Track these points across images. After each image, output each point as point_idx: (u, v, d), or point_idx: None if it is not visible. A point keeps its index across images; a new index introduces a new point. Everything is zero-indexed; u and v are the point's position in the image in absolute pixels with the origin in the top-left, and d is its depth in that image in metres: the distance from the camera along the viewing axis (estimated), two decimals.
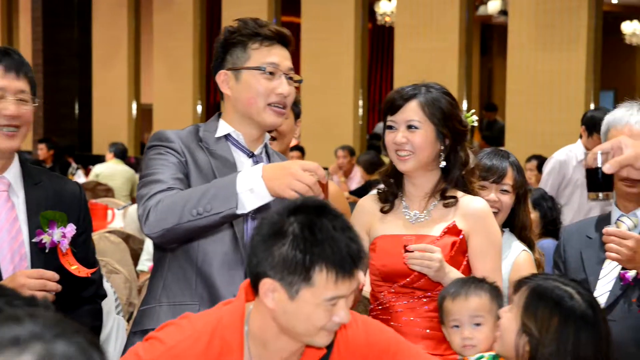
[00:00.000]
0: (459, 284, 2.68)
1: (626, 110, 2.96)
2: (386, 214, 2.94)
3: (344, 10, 12.00)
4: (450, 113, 2.86)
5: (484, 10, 14.25)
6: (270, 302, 2.01)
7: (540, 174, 8.71)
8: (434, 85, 2.89)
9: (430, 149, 2.84)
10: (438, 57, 10.98)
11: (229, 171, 2.67)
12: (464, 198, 2.87)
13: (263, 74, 2.72)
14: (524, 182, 3.35)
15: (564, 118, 10.05)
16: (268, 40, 2.75)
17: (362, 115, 12.17)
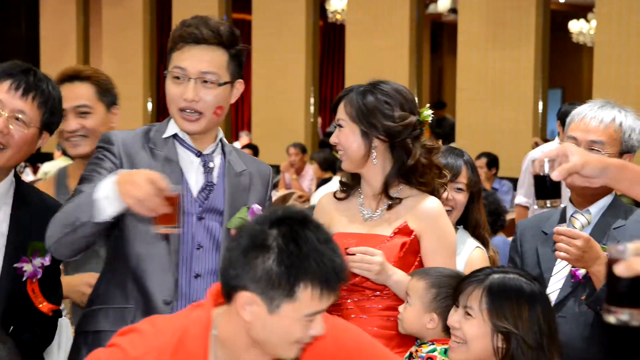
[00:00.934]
0: (426, 269, 2.75)
1: (588, 106, 3.02)
2: (345, 211, 2.95)
3: (295, 7, 12.00)
4: (376, 110, 2.82)
5: (434, 8, 14.34)
6: (247, 315, 1.96)
7: (490, 171, 8.81)
8: (378, 82, 2.88)
9: (356, 147, 2.84)
10: (389, 55, 11.03)
11: (171, 172, 2.63)
12: (416, 197, 2.86)
13: (172, 79, 2.68)
14: (477, 181, 3.35)
15: (513, 116, 10.17)
16: (182, 42, 2.68)
17: (313, 113, 12.18)
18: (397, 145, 2.86)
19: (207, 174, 2.74)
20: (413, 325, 2.67)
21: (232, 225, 2.71)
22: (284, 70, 12.11)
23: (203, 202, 2.71)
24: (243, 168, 2.80)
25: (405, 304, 2.70)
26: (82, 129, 3.16)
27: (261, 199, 2.83)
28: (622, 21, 9.28)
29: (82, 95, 3.18)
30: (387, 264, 2.74)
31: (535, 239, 3.09)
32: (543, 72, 10.14)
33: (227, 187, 2.74)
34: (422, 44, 11.49)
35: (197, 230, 2.69)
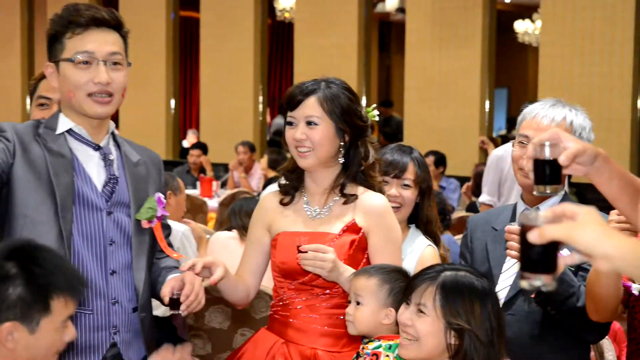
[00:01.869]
0: (372, 266, 2.75)
1: (540, 105, 3.05)
2: (288, 210, 2.93)
3: (243, 6, 11.95)
4: (350, 108, 2.85)
5: (382, 7, 14.40)
6: (10, 344, 2.05)
7: (437, 169, 8.87)
8: (335, 80, 2.88)
9: (329, 145, 2.84)
10: (337, 53, 11.04)
11: (65, 166, 2.59)
12: (364, 195, 2.87)
13: (77, 65, 2.61)
14: (426, 177, 3.37)
15: (460, 114, 10.25)
16: (81, 27, 2.62)
17: (262, 111, 12.15)
18: (357, 144, 2.88)
19: (108, 167, 2.68)
20: (367, 324, 2.66)
21: (143, 217, 2.69)
22: (233, 69, 12.05)
23: (110, 196, 2.66)
24: (138, 157, 2.77)
25: (354, 305, 2.69)
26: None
27: (158, 186, 2.81)
28: (567, 21, 9.42)
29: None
30: (338, 262, 2.74)
31: (485, 235, 3.11)
32: (489, 71, 10.24)
33: (128, 178, 2.71)
34: (370, 42, 11.52)
35: (107, 226, 2.64)
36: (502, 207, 3.28)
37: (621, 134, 9.13)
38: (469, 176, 8.58)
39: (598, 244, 1.67)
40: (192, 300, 2.61)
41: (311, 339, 2.82)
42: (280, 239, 2.89)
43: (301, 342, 2.82)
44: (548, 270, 1.75)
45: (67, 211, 2.56)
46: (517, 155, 3.03)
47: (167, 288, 2.62)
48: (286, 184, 2.97)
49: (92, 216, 2.61)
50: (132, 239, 2.68)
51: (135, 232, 2.68)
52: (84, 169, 2.64)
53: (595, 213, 1.73)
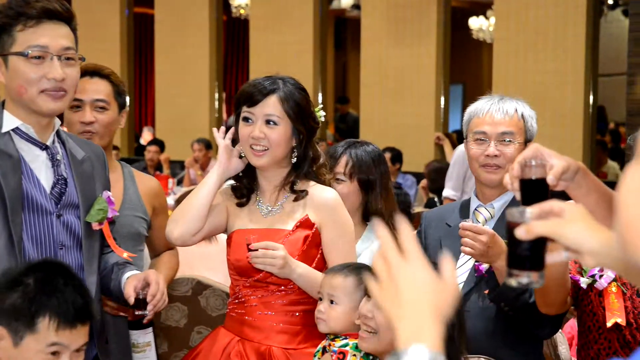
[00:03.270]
0: (346, 265, 2.73)
1: (487, 101, 3.07)
2: (242, 207, 2.93)
3: (198, 2, 11.90)
4: (305, 109, 2.84)
5: (338, 4, 14.42)
6: None
7: (394, 165, 8.91)
8: (289, 79, 2.86)
9: (285, 146, 2.83)
10: (293, 50, 11.04)
11: (12, 166, 2.45)
12: (314, 188, 2.87)
13: (30, 60, 2.47)
14: (366, 171, 3.35)
15: (415, 111, 10.31)
16: (33, 19, 2.48)
17: (217, 108, 12.10)
18: (308, 144, 2.87)
19: (56, 167, 2.56)
20: (341, 323, 2.65)
21: (94, 219, 2.58)
22: (188, 66, 12.00)
23: (59, 198, 2.54)
24: (82, 154, 2.65)
25: (326, 303, 2.67)
26: (97, 123, 3.15)
27: (105, 182, 2.70)
28: (520, 18, 9.51)
29: (102, 91, 3.19)
30: (289, 258, 2.73)
31: (438, 231, 3.12)
32: (444, 68, 10.31)
33: (75, 178, 2.59)
34: (326, 39, 11.53)
35: (57, 230, 2.52)
36: (455, 203, 3.30)
37: (574, 129, 9.25)
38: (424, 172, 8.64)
39: (585, 240, 1.66)
40: (159, 300, 2.58)
41: (267, 336, 2.81)
42: (234, 237, 2.88)
43: (257, 340, 2.82)
44: (536, 267, 1.74)
45: (17, 215, 2.44)
46: (476, 152, 3.04)
47: (130, 288, 2.56)
48: (239, 185, 2.94)
49: (42, 220, 2.49)
50: (82, 241, 2.57)
51: (86, 235, 2.57)
52: (31, 170, 2.51)
53: (583, 209, 1.73)
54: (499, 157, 2.99)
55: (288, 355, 2.79)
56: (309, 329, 2.79)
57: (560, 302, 2.76)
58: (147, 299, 2.58)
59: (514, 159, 3.00)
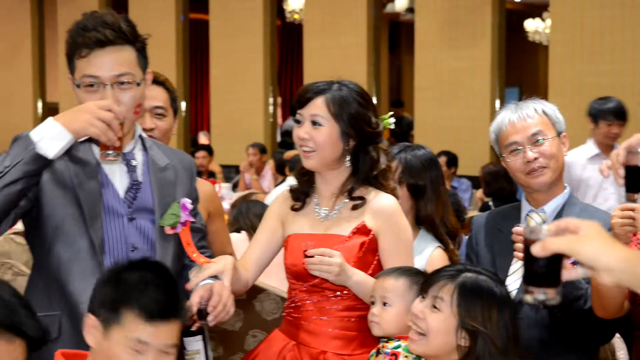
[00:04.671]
0: (397, 267, 2.72)
1: (504, 113, 3.07)
2: (299, 212, 2.92)
3: (252, 7, 11.96)
4: (358, 114, 2.80)
5: (392, 7, 14.38)
6: (90, 338, 2.15)
7: (450, 169, 8.86)
8: (348, 83, 2.84)
9: (331, 148, 2.80)
10: (347, 54, 11.04)
11: (89, 174, 2.57)
12: (372, 195, 2.84)
13: (85, 88, 2.56)
14: (415, 177, 3.32)
15: (470, 114, 10.24)
16: (86, 48, 2.54)
17: (272, 113, 12.16)
18: (366, 149, 2.85)
19: (131, 172, 2.65)
20: (395, 325, 2.64)
21: (166, 223, 2.65)
22: (242, 71, 12.07)
23: (132, 202, 2.63)
24: (167, 162, 2.72)
25: (379, 306, 2.66)
26: (156, 129, 3.21)
27: (188, 191, 2.76)
28: (576, 20, 9.39)
29: (159, 98, 3.24)
30: (346, 265, 2.72)
31: (490, 236, 3.09)
32: (499, 70, 10.22)
33: (153, 183, 2.66)
34: (380, 43, 11.51)
35: (129, 232, 2.61)
36: (506, 207, 3.26)
37: (633, 131, 9.09)
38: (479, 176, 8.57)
39: (601, 256, 1.68)
40: (220, 311, 2.57)
41: (322, 341, 2.81)
42: (290, 241, 2.88)
43: (312, 345, 2.82)
44: (552, 284, 1.74)
45: (96, 220, 2.55)
46: (516, 164, 3.00)
47: (195, 298, 2.58)
48: (297, 188, 2.94)
49: (114, 222, 2.59)
50: (156, 245, 2.64)
51: (160, 239, 2.64)
52: (106, 174, 2.62)
53: (599, 226, 1.73)
54: (539, 158, 2.97)
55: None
56: (364, 334, 2.78)
57: (617, 306, 2.72)
58: (208, 309, 2.58)
59: (554, 154, 2.98)
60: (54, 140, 2.41)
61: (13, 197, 2.41)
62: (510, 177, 7.77)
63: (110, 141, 2.47)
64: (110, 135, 2.45)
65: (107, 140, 2.47)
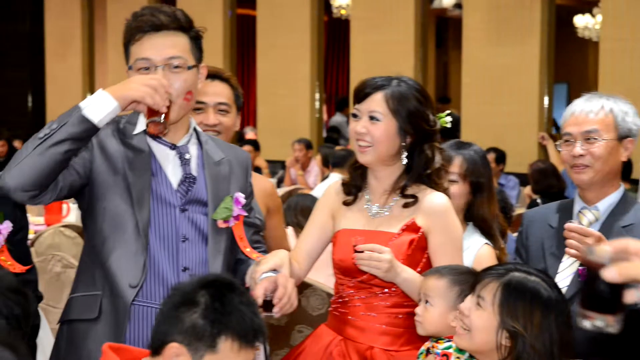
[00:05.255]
0: (443, 266, 2.71)
1: (578, 100, 3.03)
2: (350, 207, 2.92)
3: (299, 3, 11.97)
4: (417, 111, 2.79)
5: (439, 3, 14.30)
6: None
7: (498, 166, 8.79)
8: (408, 80, 2.83)
9: (388, 143, 2.80)
10: (394, 49, 11.00)
11: (143, 162, 2.61)
12: (424, 194, 2.83)
13: (138, 72, 2.60)
14: (478, 173, 3.32)
15: (518, 111, 10.14)
16: (140, 32, 2.60)
17: (318, 108, 12.16)
18: (421, 147, 2.83)
19: (185, 165, 2.68)
20: (436, 325, 2.63)
21: (219, 217, 2.68)
22: (289, 66, 12.08)
23: (185, 194, 2.66)
24: (221, 156, 2.75)
25: (423, 305, 2.66)
26: (220, 125, 3.24)
27: (242, 186, 2.79)
28: (627, 15, 9.25)
29: (223, 94, 3.28)
30: (395, 262, 2.71)
31: (541, 232, 3.06)
32: (548, 66, 10.11)
33: (207, 177, 2.69)
34: (427, 38, 11.45)
35: (180, 223, 2.64)
36: (556, 203, 3.22)
37: None
38: (527, 173, 8.49)
39: None
40: (285, 303, 2.58)
41: (369, 337, 2.81)
42: (339, 236, 2.88)
43: (359, 340, 2.81)
44: (613, 311, 1.66)
45: (144, 205, 2.58)
46: (565, 154, 3.00)
47: (260, 290, 2.59)
48: (349, 182, 2.94)
49: (165, 212, 2.62)
50: (208, 237, 2.66)
51: (212, 231, 2.67)
52: (160, 166, 2.65)
53: None
54: (585, 156, 2.94)
55: (390, 357, 2.78)
56: (411, 331, 2.77)
57: None
58: (273, 301, 2.59)
59: (602, 157, 2.93)
60: (99, 105, 2.44)
61: (58, 157, 2.43)
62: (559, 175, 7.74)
63: (156, 105, 2.47)
64: (157, 99, 2.46)
65: (153, 103, 2.47)
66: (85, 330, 2.60)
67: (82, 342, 2.60)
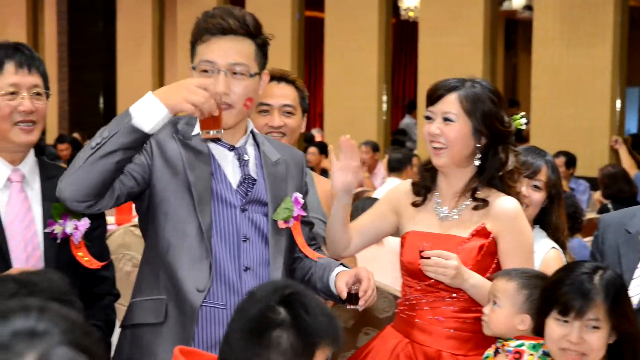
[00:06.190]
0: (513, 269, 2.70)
1: None
2: (418, 208, 2.91)
3: (367, 5, 11.97)
4: (491, 112, 2.77)
5: (509, 5, 14.16)
6: None
7: (568, 170, 8.66)
8: (481, 81, 2.82)
9: (463, 145, 2.78)
10: (462, 52, 10.92)
11: (202, 162, 2.61)
12: (494, 198, 2.80)
13: (200, 73, 2.61)
14: (557, 182, 3.31)
15: (589, 114, 9.99)
16: (208, 34, 2.60)
17: (385, 111, 12.14)
18: (495, 149, 2.81)
19: (243, 167, 2.69)
20: (501, 327, 2.62)
21: (280, 217, 2.69)
22: (357, 68, 12.09)
23: (244, 195, 2.67)
24: (278, 157, 2.76)
25: (491, 306, 2.65)
26: (285, 126, 3.27)
27: (299, 185, 2.80)
28: None
29: (289, 96, 3.30)
30: (462, 268, 2.69)
31: (617, 237, 3.00)
32: (621, 69, 9.93)
33: (266, 178, 2.70)
34: (496, 41, 11.35)
35: (241, 223, 2.65)
36: (635, 208, 3.15)
37: None
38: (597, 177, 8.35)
39: None
40: (369, 295, 2.60)
41: (436, 340, 2.79)
42: (408, 238, 2.87)
43: (426, 344, 2.80)
44: None
45: (205, 206, 2.59)
46: None
47: (341, 283, 2.61)
48: (418, 183, 2.93)
49: (226, 212, 2.63)
50: (268, 237, 2.67)
51: (273, 232, 2.68)
52: (220, 166, 2.66)
53: None
54: None
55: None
56: (479, 336, 2.75)
57: None
58: (359, 294, 2.60)
59: None
60: (150, 113, 2.42)
61: (111, 167, 2.43)
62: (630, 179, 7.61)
63: (205, 114, 2.45)
64: (206, 110, 2.44)
65: (202, 115, 2.46)
66: (152, 334, 2.61)
67: (149, 346, 2.61)
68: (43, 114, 2.76)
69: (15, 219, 2.71)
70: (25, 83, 2.71)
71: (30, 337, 1.09)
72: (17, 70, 2.71)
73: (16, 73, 2.71)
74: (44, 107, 2.76)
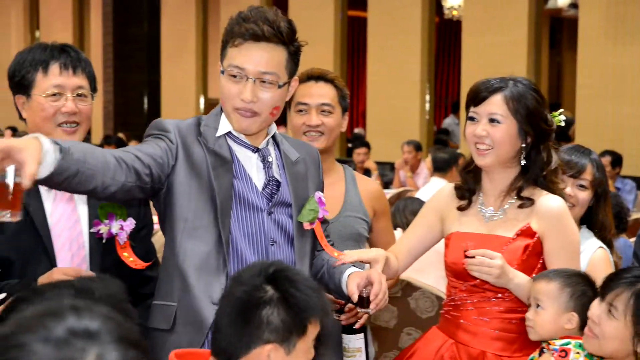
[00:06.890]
0: (553, 270, 2.67)
1: None
2: (462, 209, 2.89)
3: (410, 4, 11.94)
4: (536, 110, 2.75)
5: (554, 3, 14.03)
6: None
7: (614, 169, 8.56)
8: (523, 80, 2.80)
9: (510, 145, 2.76)
10: (506, 51, 10.84)
11: (225, 168, 2.57)
12: (539, 197, 2.78)
13: (229, 77, 2.57)
14: (603, 181, 3.27)
15: (635, 112, 9.86)
16: (240, 38, 2.55)
17: (428, 110, 12.09)
18: (540, 147, 2.79)
19: (267, 168, 2.66)
20: (549, 329, 2.59)
21: (305, 219, 2.66)
22: (400, 67, 12.06)
23: (270, 197, 2.63)
24: (297, 155, 2.73)
25: (534, 310, 2.62)
26: (323, 125, 3.26)
27: (317, 183, 2.78)
28: None
29: (327, 95, 3.28)
30: (507, 267, 2.67)
31: None
32: None
33: (289, 178, 2.68)
34: (540, 39, 11.24)
35: (269, 227, 2.61)
36: None
37: None
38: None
39: None
40: (381, 299, 2.58)
41: (482, 341, 2.77)
42: (453, 239, 2.85)
43: (471, 345, 2.78)
44: None
45: (226, 216, 2.55)
46: None
47: (353, 285, 2.59)
48: (462, 186, 2.91)
49: (253, 217, 2.59)
50: (294, 240, 2.65)
51: (298, 233, 2.66)
52: (244, 169, 2.63)
53: None
54: None
55: None
56: (525, 337, 2.72)
57: None
58: (370, 297, 2.58)
59: None
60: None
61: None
62: None
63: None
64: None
65: None
66: (160, 340, 2.57)
67: (155, 350, 2.56)
68: (87, 115, 2.78)
69: (61, 218, 2.73)
70: (69, 84, 2.74)
71: (87, 336, 1.11)
72: (62, 71, 2.74)
73: (60, 74, 2.73)
74: (88, 108, 2.78)
